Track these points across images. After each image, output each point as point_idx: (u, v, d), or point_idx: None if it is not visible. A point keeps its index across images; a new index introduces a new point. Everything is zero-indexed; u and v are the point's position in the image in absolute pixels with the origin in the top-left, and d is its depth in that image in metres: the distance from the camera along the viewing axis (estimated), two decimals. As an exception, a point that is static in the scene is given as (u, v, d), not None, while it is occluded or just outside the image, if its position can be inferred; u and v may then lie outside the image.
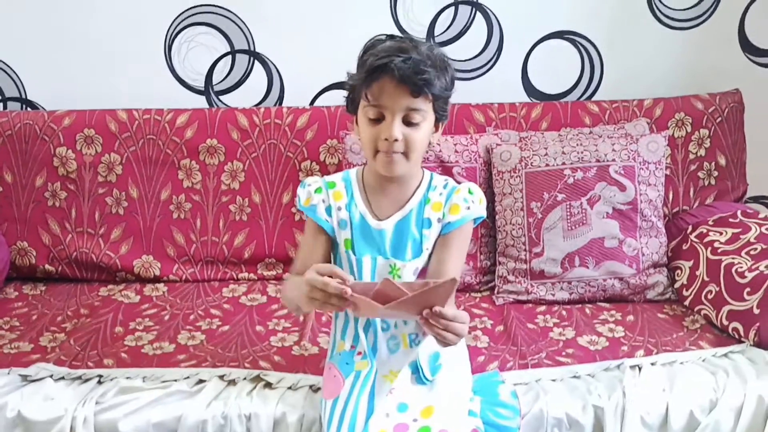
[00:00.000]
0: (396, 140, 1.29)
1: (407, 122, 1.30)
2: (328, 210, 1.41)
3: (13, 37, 2.14)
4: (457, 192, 1.40)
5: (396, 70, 1.25)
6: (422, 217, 1.39)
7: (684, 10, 2.19)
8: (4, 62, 2.17)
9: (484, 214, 1.42)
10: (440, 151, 1.95)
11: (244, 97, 2.20)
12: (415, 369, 1.37)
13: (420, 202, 1.40)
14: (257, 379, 1.55)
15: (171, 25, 2.15)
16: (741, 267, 1.72)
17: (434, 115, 1.34)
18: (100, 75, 2.17)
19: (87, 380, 1.54)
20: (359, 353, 1.40)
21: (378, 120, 1.31)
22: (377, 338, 1.41)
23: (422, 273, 1.40)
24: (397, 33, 2.15)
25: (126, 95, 2.15)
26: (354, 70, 1.35)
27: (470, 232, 1.43)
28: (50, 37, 2.14)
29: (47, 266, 2.04)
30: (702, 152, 2.09)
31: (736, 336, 1.67)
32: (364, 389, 1.34)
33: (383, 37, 1.35)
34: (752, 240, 1.79)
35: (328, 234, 1.42)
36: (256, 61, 2.18)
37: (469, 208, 1.39)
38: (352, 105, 1.37)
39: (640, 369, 1.55)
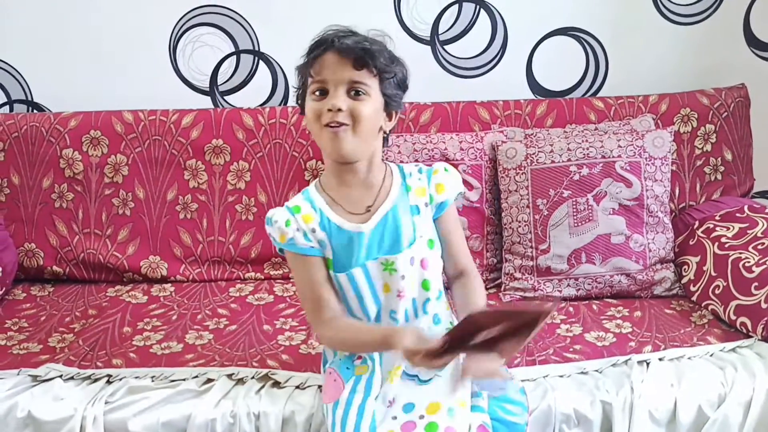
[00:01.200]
0: (339, 110, 1.28)
1: (352, 96, 1.30)
2: (306, 236, 1.37)
3: (18, 40, 2.15)
4: (436, 172, 1.42)
5: (337, 42, 1.29)
6: (408, 205, 1.39)
7: (689, 5, 2.19)
8: (9, 65, 2.18)
9: (462, 188, 1.49)
10: (446, 148, 1.95)
11: (249, 97, 2.20)
12: (411, 376, 1.35)
13: (401, 192, 1.39)
14: (265, 377, 1.55)
15: (175, 25, 2.15)
16: (748, 262, 1.71)
17: (382, 98, 1.33)
18: (106, 76, 2.17)
19: (96, 380, 1.55)
20: (359, 357, 1.40)
21: (322, 95, 1.31)
22: None
23: (423, 263, 1.38)
24: (399, 31, 2.15)
25: (131, 96, 2.15)
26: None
27: (455, 210, 1.47)
28: (55, 39, 2.15)
29: (55, 267, 2.05)
30: (708, 147, 2.08)
31: (744, 331, 1.67)
32: (366, 394, 1.34)
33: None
34: (759, 234, 1.78)
35: (318, 255, 1.38)
36: (260, 61, 2.19)
37: (451, 184, 1.42)
38: (303, 100, 1.37)
39: (648, 364, 1.55)
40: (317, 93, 1.31)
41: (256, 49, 2.18)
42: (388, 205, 1.38)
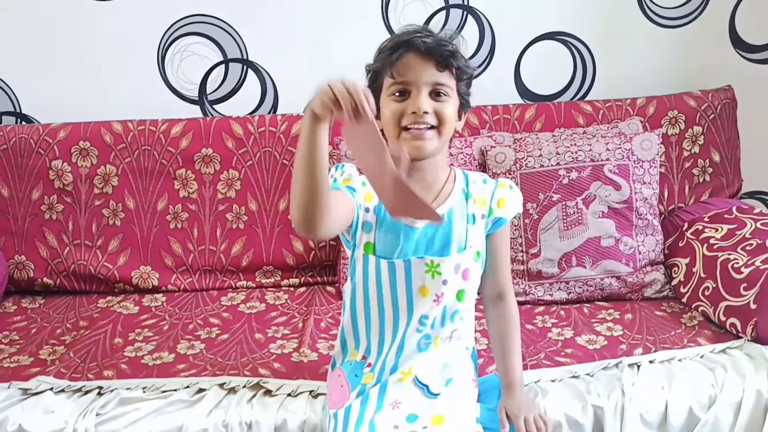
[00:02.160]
0: (426, 112, 1.26)
1: (435, 97, 1.27)
2: (358, 206, 1.33)
3: (6, 52, 2.15)
4: (501, 186, 1.39)
5: (421, 43, 1.24)
6: (466, 212, 1.36)
7: (675, 8, 2.20)
8: (-2, 77, 2.18)
9: (521, 209, 1.42)
10: (435, 154, 1.95)
11: (239, 106, 2.20)
12: (421, 385, 1.34)
13: (462, 198, 1.36)
14: (257, 386, 1.55)
15: (164, 35, 2.15)
16: (737, 263, 1.72)
17: (458, 98, 1.31)
18: (94, 87, 2.17)
19: (87, 392, 1.54)
20: (369, 365, 1.37)
21: (402, 95, 1.27)
22: (405, 336, 1.35)
23: (465, 273, 1.35)
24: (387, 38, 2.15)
25: (120, 107, 2.15)
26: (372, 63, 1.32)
27: (509, 229, 1.44)
28: (43, 50, 2.15)
29: (45, 279, 2.04)
30: (696, 149, 2.10)
31: (734, 332, 1.68)
32: (369, 404, 1.32)
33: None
34: (747, 236, 1.79)
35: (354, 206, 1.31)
36: (249, 70, 2.19)
37: (513, 203, 1.39)
38: (378, 77, 1.31)
39: (638, 367, 1.56)
40: (397, 94, 1.27)
41: (245, 57, 2.18)
42: (445, 207, 1.34)
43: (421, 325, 1.35)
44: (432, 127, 1.26)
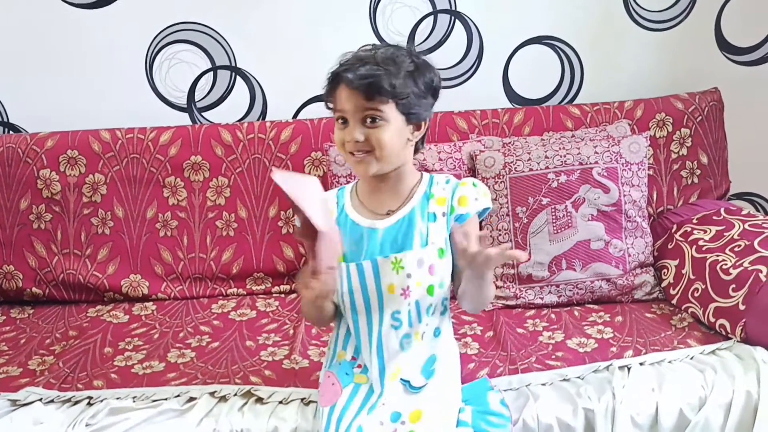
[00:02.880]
0: (357, 141, 1.33)
1: (370, 124, 1.33)
2: None
3: (-7, 61, 2.15)
4: (463, 185, 1.42)
5: (349, 77, 1.32)
6: (426, 211, 1.40)
7: (661, 11, 2.22)
8: (-16, 86, 2.17)
9: (491, 205, 1.44)
10: (424, 159, 1.96)
11: (227, 113, 2.20)
12: (404, 381, 1.37)
13: (422, 198, 1.41)
14: (248, 394, 1.54)
15: (151, 43, 2.15)
16: (725, 264, 1.73)
17: (402, 116, 1.35)
18: (82, 95, 2.17)
19: (77, 402, 1.54)
20: (359, 366, 1.41)
21: (345, 123, 1.36)
22: (381, 334, 1.38)
23: (430, 268, 1.38)
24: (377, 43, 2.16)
25: (108, 115, 2.15)
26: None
27: (477, 226, 1.45)
28: (30, 59, 2.14)
29: (34, 289, 2.03)
30: (684, 151, 2.11)
31: (723, 333, 1.68)
32: (363, 403, 1.35)
33: (356, 50, 1.39)
34: (736, 237, 1.80)
35: None
36: (237, 77, 2.19)
37: (477, 199, 1.41)
38: (328, 106, 1.42)
39: (629, 369, 1.56)
40: (340, 121, 1.37)
41: (233, 64, 2.18)
42: (406, 209, 1.40)
43: (394, 320, 1.38)
44: (369, 151, 1.34)
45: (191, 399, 1.53)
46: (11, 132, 2.19)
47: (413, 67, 1.35)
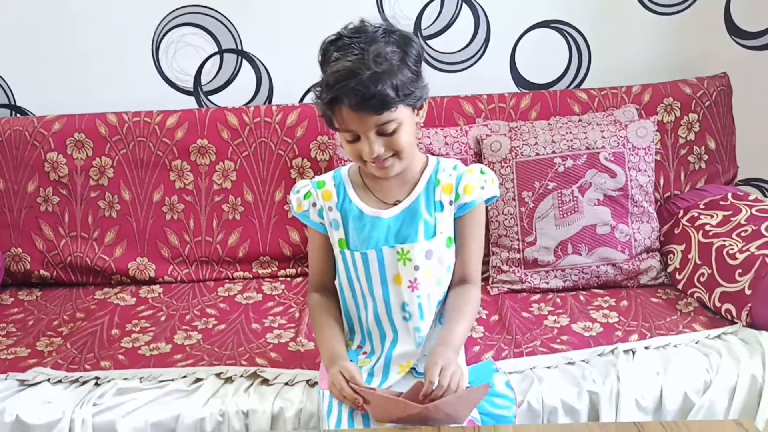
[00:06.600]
0: (378, 155, 1.29)
1: (383, 134, 1.28)
2: (320, 212, 1.40)
3: (0, 44, 2.14)
4: (470, 172, 1.38)
5: (348, 100, 1.23)
6: (433, 200, 1.37)
7: (669, -5, 2.20)
8: (-8, 69, 2.18)
9: (497, 193, 1.40)
10: (430, 143, 1.96)
11: (234, 97, 2.20)
12: (410, 369, 1.37)
13: (428, 185, 1.38)
14: (254, 375, 1.55)
15: (158, 26, 2.15)
16: (732, 249, 1.73)
17: (409, 110, 1.31)
18: (89, 79, 2.17)
19: (84, 383, 1.55)
20: (364, 353, 1.41)
21: (355, 138, 1.30)
22: (394, 323, 1.37)
23: (440, 259, 1.36)
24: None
25: (115, 98, 2.15)
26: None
27: (484, 213, 1.43)
28: (38, 42, 2.14)
29: (42, 271, 2.04)
30: (692, 136, 2.10)
31: (729, 317, 1.68)
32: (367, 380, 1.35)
33: (334, 37, 1.33)
34: (743, 222, 1.79)
35: (324, 233, 1.42)
36: (244, 60, 2.19)
37: (483, 188, 1.38)
38: (329, 122, 1.33)
39: (633, 353, 1.56)
40: (349, 138, 1.30)
41: (240, 48, 2.18)
42: (413, 198, 1.37)
43: (404, 312, 1.36)
44: (390, 156, 1.31)
45: (198, 380, 1.55)
46: (18, 115, 2.19)
47: (399, 51, 1.28)
